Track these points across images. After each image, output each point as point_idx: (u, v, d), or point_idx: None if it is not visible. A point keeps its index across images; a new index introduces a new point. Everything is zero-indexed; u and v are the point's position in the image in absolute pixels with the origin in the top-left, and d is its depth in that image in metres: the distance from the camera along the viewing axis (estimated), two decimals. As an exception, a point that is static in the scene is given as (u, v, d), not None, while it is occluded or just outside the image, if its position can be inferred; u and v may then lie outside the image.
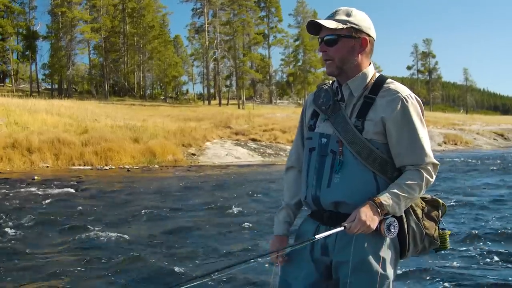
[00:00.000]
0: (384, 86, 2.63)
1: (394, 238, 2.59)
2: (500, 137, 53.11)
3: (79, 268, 7.10)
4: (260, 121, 41.05)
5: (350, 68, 2.64)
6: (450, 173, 20.73)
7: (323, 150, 2.67)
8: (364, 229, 2.44)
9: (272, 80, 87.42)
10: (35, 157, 23.43)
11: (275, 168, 24.49)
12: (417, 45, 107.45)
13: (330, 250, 2.65)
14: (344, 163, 2.59)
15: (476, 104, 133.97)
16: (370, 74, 2.68)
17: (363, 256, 2.54)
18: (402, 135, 2.55)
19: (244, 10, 75.72)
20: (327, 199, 2.63)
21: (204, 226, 10.18)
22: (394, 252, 2.62)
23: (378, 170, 2.57)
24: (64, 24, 66.55)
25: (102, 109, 42.83)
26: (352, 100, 2.66)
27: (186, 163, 27.00)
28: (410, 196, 2.53)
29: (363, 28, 2.61)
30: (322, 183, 2.64)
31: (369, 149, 2.56)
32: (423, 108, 2.64)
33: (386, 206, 2.47)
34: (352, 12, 2.62)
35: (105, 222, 10.44)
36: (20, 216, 10.85)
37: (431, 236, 2.70)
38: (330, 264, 2.66)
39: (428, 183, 2.58)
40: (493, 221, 10.37)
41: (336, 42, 2.60)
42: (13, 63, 71.28)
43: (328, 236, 2.57)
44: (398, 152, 2.57)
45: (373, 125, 2.56)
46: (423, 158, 2.57)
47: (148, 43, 74.51)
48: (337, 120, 2.64)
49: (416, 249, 2.68)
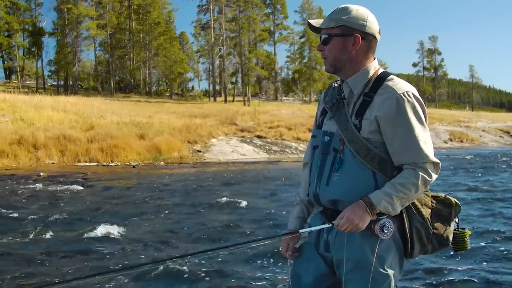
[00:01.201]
0: (384, 83, 2.60)
1: (396, 237, 2.58)
2: (506, 134, 52.92)
3: (84, 263, 7.12)
4: (265, 118, 41.05)
5: (344, 65, 2.64)
6: (455, 171, 20.67)
7: (325, 148, 2.68)
8: (352, 228, 2.46)
9: (278, 77, 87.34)
10: (41, 154, 23.54)
11: (281, 165, 24.46)
12: (423, 42, 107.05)
13: (331, 247, 2.67)
14: (344, 161, 2.59)
15: (482, 101, 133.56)
16: (372, 71, 2.66)
17: (361, 254, 2.54)
18: (396, 133, 2.53)
19: (250, 7, 75.67)
20: (325, 196, 2.64)
21: (210, 222, 10.19)
22: (397, 252, 2.61)
23: (377, 168, 2.56)
24: (70, 21, 66.65)
25: (108, 105, 42.92)
26: (353, 98, 2.65)
27: (191, 160, 27.06)
28: (405, 196, 2.50)
29: (355, 25, 2.59)
30: (322, 180, 2.66)
31: (367, 148, 2.55)
32: (423, 105, 2.60)
33: (377, 205, 2.47)
34: (348, 10, 2.61)
35: (111, 218, 10.46)
36: (26, 212, 10.89)
37: (440, 236, 2.67)
38: (332, 260, 2.68)
39: (426, 182, 2.54)
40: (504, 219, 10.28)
41: (329, 41, 2.63)
42: (19, 59, 71.40)
43: (331, 232, 2.63)
44: (394, 151, 2.55)
45: (368, 123, 2.55)
46: (420, 157, 2.53)
47: (154, 40, 74.55)
48: (340, 118, 2.64)
49: (424, 249, 2.66)
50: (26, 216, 10.46)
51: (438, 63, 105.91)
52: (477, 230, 8.89)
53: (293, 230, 2.87)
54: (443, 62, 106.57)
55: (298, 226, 2.90)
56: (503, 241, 8.29)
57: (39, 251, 7.79)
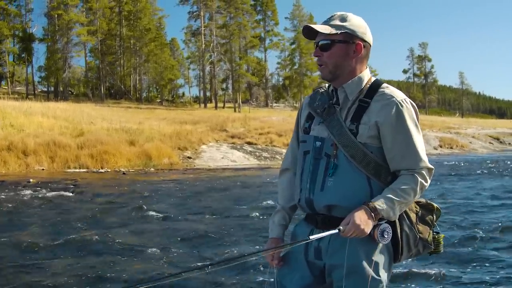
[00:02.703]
0: (379, 90, 2.63)
1: (388, 242, 2.59)
2: (495, 141, 53.23)
3: (74, 271, 7.08)
4: (256, 124, 41.06)
5: (343, 73, 2.65)
6: (444, 177, 20.76)
7: (317, 153, 2.67)
8: (358, 233, 2.45)
9: (268, 83, 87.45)
10: (30, 160, 23.41)
11: (271, 171, 24.48)
12: (413, 49, 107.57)
13: (323, 254, 2.65)
14: (338, 166, 2.59)
15: (471, 108, 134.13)
16: (366, 78, 2.68)
17: (356, 260, 2.54)
18: (396, 139, 2.56)
19: (241, 13, 75.71)
20: (320, 202, 2.63)
21: (200, 229, 10.16)
22: (388, 256, 2.63)
23: (372, 174, 2.58)
24: (61, 27, 66.39)
25: (98, 111, 42.78)
26: (347, 103, 2.66)
27: (181, 166, 27.01)
28: (405, 201, 2.53)
29: (357, 33, 2.61)
30: (315, 186, 2.65)
31: (363, 152, 2.56)
32: (418, 112, 2.66)
33: (380, 210, 2.48)
34: (348, 17, 2.63)
35: (100, 225, 10.43)
36: (14, 219, 10.83)
37: (425, 240, 2.71)
38: (324, 267, 2.67)
39: (423, 188, 2.58)
40: (486, 224, 10.36)
41: (330, 47, 2.62)
42: (9, 65, 71.01)
43: (322, 239, 2.60)
44: (392, 156, 2.58)
45: (367, 129, 2.56)
46: (418, 163, 2.57)
47: (145, 46, 74.44)
48: (332, 123, 2.64)
49: (410, 253, 2.69)
50: (14, 223, 10.39)
51: (428, 69, 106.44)
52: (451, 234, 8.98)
53: (277, 238, 2.86)
54: (433, 69, 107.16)
55: (280, 234, 2.89)
56: (476, 245, 8.50)
57: (29, 259, 7.74)
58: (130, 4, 74.46)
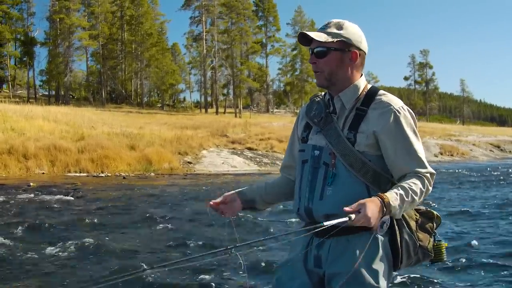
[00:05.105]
0: (376, 98, 2.63)
1: (387, 250, 2.58)
2: (496, 149, 53.23)
3: (72, 275, 7.07)
4: (256, 130, 41.10)
5: (339, 80, 2.65)
6: (444, 185, 20.74)
7: (315, 162, 2.67)
8: (365, 224, 2.37)
9: (269, 89, 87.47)
10: (31, 164, 23.42)
11: (271, 177, 24.45)
12: (414, 56, 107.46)
13: (323, 262, 2.64)
14: (337, 175, 2.59)
15: (472, 115, 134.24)
16: (362, 86, 2.69)
17: (356, 268, 2.51)
18: (397, 146, 2.55)
19: (242, 19, 75.89)
20: (319, 211, 2.62)
21: (199, 233, 10.14)
22: (387, 264, 2.60)
23: (370, 182, 2.57)
24: (62, 31, 66.58)
25: (99, 116, 42.84)
26: (344, 112, 2.66)
27: (182, 171, 27.00)
28: (413, 201, 2.50)
29: (353, 41, 2.62)
30: (314, 195, 2.64)
31: (361, 161, 2.55)
32: (415, 119, 2.66)
33: (392, 207, 2.42)
34: (344, 25, 2.63)
35: (100, 229, 10.41)
36: (14, 223, 10.81)
37: (425, 248, 2.69)
38: (323, 275, 2.65)
39: (428, 191, 2.57)
40: (484, 232, 10.36)
41: (326, 54, 2.62)
42: (11, 69, 71.11)
43: (321, 247, 2.60)
44: (395, 163, 2.57)
45: (365, 137, 2.56)
46: (421, 168, 2.56)
47: (146, 51, 74.53)
48: (329, 133, 2.64)
49: (410, 261, 2.67)
50: (14, 227, 10.37)
51: (429, 77, 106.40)
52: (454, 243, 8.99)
53: (238, 194, 2.91)
54: (434, 76, 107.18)
55: (244, 195, 2.91)
56: (478, 254, 8.43)
57: (28, 262, 7.73)
58: (132, 8, 74.65)
